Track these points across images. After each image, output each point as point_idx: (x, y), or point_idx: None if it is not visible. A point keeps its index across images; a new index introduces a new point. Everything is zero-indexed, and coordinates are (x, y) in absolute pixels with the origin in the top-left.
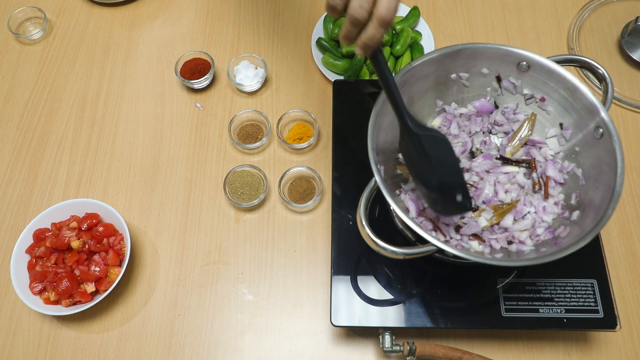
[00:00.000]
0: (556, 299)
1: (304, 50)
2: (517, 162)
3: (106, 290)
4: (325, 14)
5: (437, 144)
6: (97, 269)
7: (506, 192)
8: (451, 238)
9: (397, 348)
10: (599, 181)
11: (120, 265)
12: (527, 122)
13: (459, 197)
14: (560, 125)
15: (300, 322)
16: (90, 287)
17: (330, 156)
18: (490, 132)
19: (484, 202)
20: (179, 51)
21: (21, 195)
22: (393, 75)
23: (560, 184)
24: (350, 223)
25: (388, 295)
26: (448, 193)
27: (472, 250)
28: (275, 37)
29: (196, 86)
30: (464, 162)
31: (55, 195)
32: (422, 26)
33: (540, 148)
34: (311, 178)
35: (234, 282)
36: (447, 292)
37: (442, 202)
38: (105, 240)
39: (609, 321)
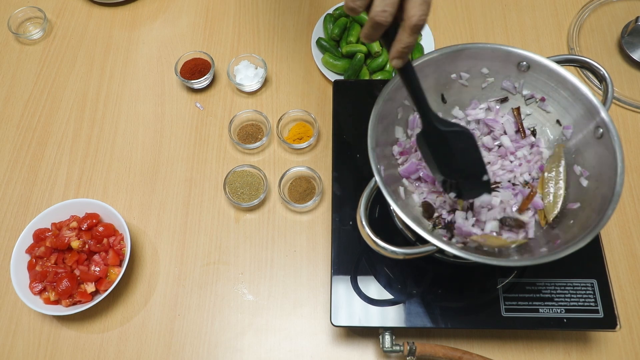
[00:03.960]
0: (556, 299)
1: (304, 50)
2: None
3: (106, 290)
4: (326, 13)
5: (461, 137)
6: (97, 269)
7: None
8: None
9: (397, 348)
10: (599, 181)
11: (120, 265)
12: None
13: (485, 177)
14: (560, 125)
15: (300, 322)
16: (90, 287)
17: (330, 156)
18: None
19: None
20: (179, 51)
21: (21, 195)
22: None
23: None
24: (350, 223)
25: (388, 295)
26: (473, 177)
27: (493, 232)
28: (275, 37)
29: (196, 86)
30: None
31: (55, 195)
32: None
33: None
34: (311, 178)
35: (234, 282)
36: (447, 292)
37: (467, 186)
38: (105, 240)
39: (609, 321)
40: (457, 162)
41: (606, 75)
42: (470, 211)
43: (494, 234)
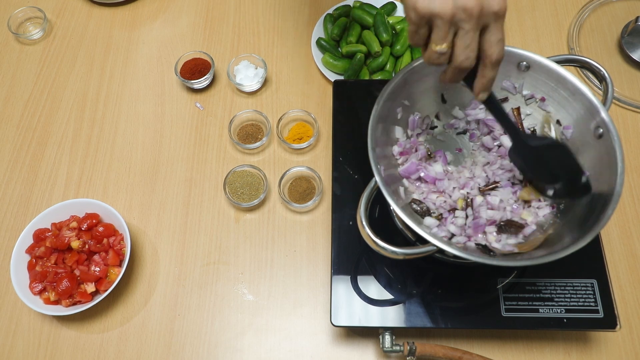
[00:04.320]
0: (556, 299)
1: (304, 50)
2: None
3: (106, 290)
4: (325, 13)
5: (554, 148)
6: (97, 269)
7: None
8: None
9: (397, 348)
10: (599, 181)
11: (120, 265)
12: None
13: (584, 178)
14: (560, 125)
15: (300, 322)
16: (90, 287)
17: (330, 156)
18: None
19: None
20: (179, 51)
21: (21, 195)
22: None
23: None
24: (350, 223)
25: (388, 295)
26: (572, 181)
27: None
28: (275, 37)
29: (196, 86)
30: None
31: (55, 195)
32: None
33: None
34: (311, 178)
35: (234, 282)
36: (447, 292)
37: (566, 189)
38: (105, 240)
39: (609, 321)
40: (552, 170)
41: (606, 75)
42: (470, 208)
43: (494, 235)
